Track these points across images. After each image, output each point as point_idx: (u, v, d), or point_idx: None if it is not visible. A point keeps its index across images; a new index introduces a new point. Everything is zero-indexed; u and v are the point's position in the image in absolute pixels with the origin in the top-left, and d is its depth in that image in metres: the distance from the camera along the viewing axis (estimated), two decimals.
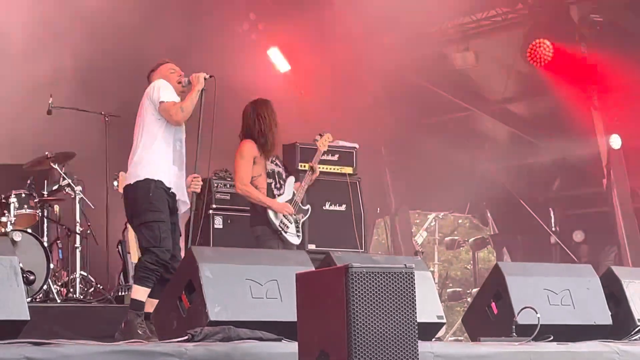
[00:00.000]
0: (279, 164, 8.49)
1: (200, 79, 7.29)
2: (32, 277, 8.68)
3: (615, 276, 7.81)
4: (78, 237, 9.65)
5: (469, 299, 13.21)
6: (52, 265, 9.09)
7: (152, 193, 7.04)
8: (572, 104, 12.26)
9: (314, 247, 9.51)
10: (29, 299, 7.42)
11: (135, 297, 7.00)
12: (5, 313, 5.65)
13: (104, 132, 10.05)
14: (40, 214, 9.58)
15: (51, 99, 9.95)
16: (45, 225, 9.68)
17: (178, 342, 5.81)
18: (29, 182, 9.64)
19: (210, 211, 9.77)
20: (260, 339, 5.99)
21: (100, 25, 11.20)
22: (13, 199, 9.30)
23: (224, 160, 8.94)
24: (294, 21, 12.82)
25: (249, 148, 8.19)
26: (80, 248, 9.63)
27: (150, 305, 6.91)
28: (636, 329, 7.55)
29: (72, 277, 9.47)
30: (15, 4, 10.85)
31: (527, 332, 6.88)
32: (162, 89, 7.17)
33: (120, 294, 9.48)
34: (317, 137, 8.83)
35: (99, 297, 9.42)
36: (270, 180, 8.31)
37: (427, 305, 6.96)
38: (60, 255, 9.87)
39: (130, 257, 9.65)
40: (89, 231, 9.83)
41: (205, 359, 5.46)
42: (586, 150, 12.47)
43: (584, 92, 12.16)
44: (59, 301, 9.00)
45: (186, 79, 7.36)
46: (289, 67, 13.59)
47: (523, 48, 12.18)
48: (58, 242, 9.85)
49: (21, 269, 6.04)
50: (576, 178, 13.26)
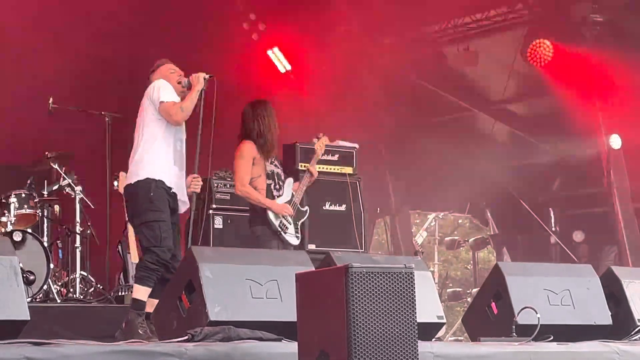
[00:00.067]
0: (278, 165, 8.49)
1: (200, 79, 7.29)
2: (32, 277, 8.68)
3: (615, 276, 7.81)
4: (78, 237, 9.65)
5: (469, 299, 13.20)
6: (52, 265, 9.10)
7: (152, 193, 7.05)
8: (572, 104, 12.23)
9: (314, 247, 9.51)
10: (29, 299, 7.42)
11: (136, 297, 7.00)
12: (5, 313, 5.65)
13: (104, 132, 10.05)
14: (40, 214, 9.58)
15: (51, 99, 9.94)
16: (45, 225, 9.69)
17: (178, 342, 5.81)
18: (29, 182, 9.64)
19: (210, 211, 9.76)
20: (260, 339, 5.99)
21: (101, 25, 11.19)
22: (13, 199, 9.31)
23: (224, 160, 8.93)
24: (294, 21, 12.81)
25: (249, 149, 8.18)
26: (80, 248, 9.63)
27: (151, 305, 6.91)
28: (636, 329, 7.54)
29: (72, 277, 9.47)
30: (16, 4, 10.84)
31: (527, 332, 6.88)
32: (162, 89, 7.17)
33: (120, 294, 9.48)
34: (315, 140, 8.81)
35: (99, 297, 9.42)
36: (269, 181, 8.30)
37: (427, 305, 6.96)
38: (60, 255, 9.87)
39: (130, 257, 9.65)
40: (89, 231, 9.83)
41: (205, 359, 5.46)
42: (586, 150, 12.45)
43: (584, 92, 12.14)
44: (59, 301, 9.00)
45: (186, 79, 7.36)
46: (289, 67, 13.58)
47: (523, 48, 12.17)
48: (58, 242, 9.86)
49: (21, 269, 6.04)
50: (576, 178, 13.24)
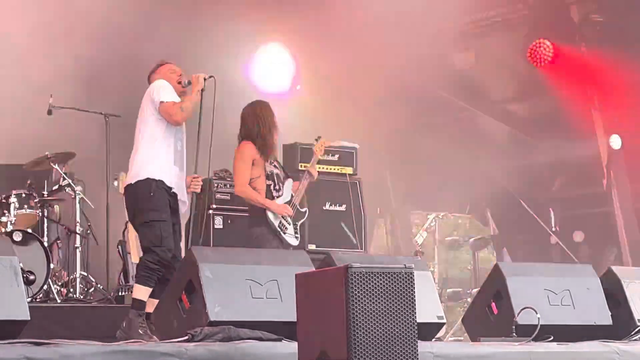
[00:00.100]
0: (278, 166, 8.48)
1: (200, 80, 7.30)
2: (32, 277, 8.68)
3: (615, 276, 7.80)
4: (78, 237, 9.66)
5: (469, 299, 13.17)
6: (52, 265, 9.10)
7: (153, 193, 7.05)
8: (572, 104, 12.23)
9: (314, 247, 9.52)
10: (29, 299, 7.41)
11: (136, 297, 7.01)
12: (5, 313, 5.65)
13: (104, 132, 10.05)
14: (40, 214, 9.58)
15: (51, 99, 9.93)
16: (46, 225, 9.68)
17: (178, 342, 5.81)
18: (29, 182, 9.64)
19: (210, 211, 9.76)
20: (260, 339, 5.99)
21: (101, 25, 11.18)
22: (13, 199, 9.31)
23: (224, 160, 8.93)
24: (294, 21, 12.80)
25: (248, 150, 8.17)
26: (80, 248, 9.63)
27: (151, 305, 6.91)
28: (636, 329, 7.54)
29: (72, 277, 9.47)
30: (16, 5, 10.84)
31: (527, 332, 6.88)
32: (162, 90, 7.17)
33: (120, 294, 9.48)
34: (314, 142, 8.80)
35: (99, 297, 9.42)
36: (269, 182, 8.29)
37: (427, 305, 6.96)
38: (61, 255, 9.87)
39: (130, 257, 9.66)
40: (89, 231, 9.84)
41: (205, 359, 5.46)
42: (586, 151, 12.44)
43: (584, 92, 12.14)
44: (59, 301, 9.00)
45: (186, 80, 7.37)
46: (289, 67, 13.57)
47: (523, 48, 12.17)
48: (58, 242, 9.85)
49: (21, 269, 6.04)
50: (576, 178, 13.23)
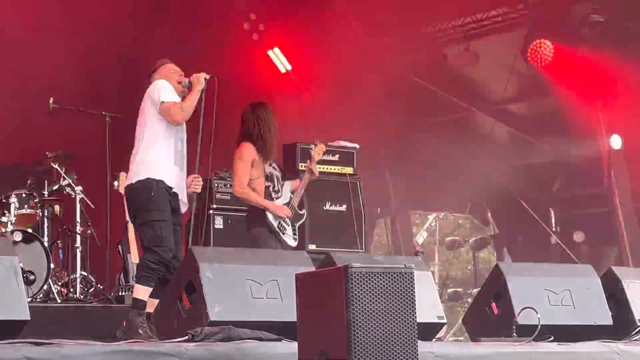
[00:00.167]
0: (277, 167, 8.47)
1: (200, 79, 7.29)
2: (32, 277, 8.68)
3: (615, 276, 7.80)
4: (78, 237, 9.65)
5: (469, 299, 13.18)
6: (52, 265, 9.09)
7: (153, 192, 7.04)
8: (572, 104, 12.23)
9: (314, 247, 9.51)
10: (29, 299, 7.41)
11: (137, 297, 7.00)
12: (5, 313, 5.65)
13: (104, 132, 10.04)
14: (40, 214, 9.58)
15: (52, 99, 9.93)
16: (46, 225, 9.68)
17: (178, 342, 5.81)
18: (29, 182, 9.64)
19: (211, 211, 9.76)
20: (260, 339, 5.99)
21: (101, 25, 11.19)
22: (13, 199, 9.30)
23: (225, 160, 8.93)
24: (294, 21, 12.82)
25: (248, 151, 8.16)
26: (80, 248, 9.63)
27: (151, 305, 6.91)
28: (636, 330, 7.54)
29: (72, 277, 9.47)
30: (16, 5, 10.85)
31: (527, 332, 6.87)
32: (163, 89, 7.17)
33: (120, 294, 9.47)
34: (312, 146, 8.78)
35: (99, 297, 9.42)
36: (268, 183, 8.28)
37: (427, 305, 6.95)
38: (61, 255, 9.86)
39: (130, 257, 9.65)
40: (89, 231, 9.83)
41: (205, 359, 5.46)
42: (587, 151, 12.45)
43: (585, 92, 12.14)
44: (59, 301, 9.00)
45: (187, 80, 7.36)
46: (289, 67, 13.58)
47: (523, 48, 12.17)
48: (58, 242, 9.85)
49: (21, 269, 6.04)
50: (577, 178, 13.24)
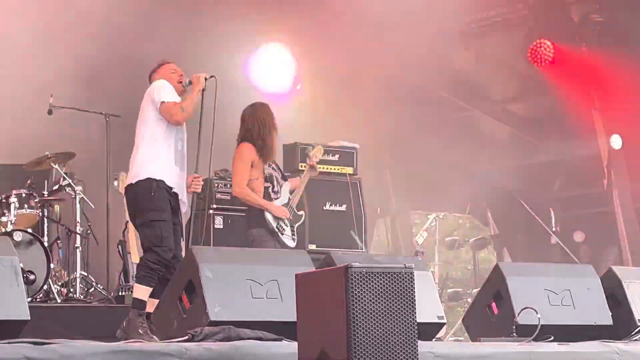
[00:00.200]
0: (276, 168, 8.47)
1: (201, 79, 7.29)
2: (32, 277, 8.68)
3: (615, 276, 7.81)
4: (78, 237, 9.65)
5: (470, 299, 13.17)
6: (52, 265, 9.09)
7: (153, 192, 7.04)
8: (572, 104, 12.24)
9: (314, 247, 9.51)
10: (29, 299, 7.41)
11: (137, 296, 7.00)
12: (5, 313, 5.65)
13: (105, 132, 10.04)
14: (40, 213, 9.57)
15: (52, 99, 9.93)
16: (46, 225, 9.67)
17: (178, 342, 5.81)
18: (29, 182, 9.63)
19: (211, 211, 9.75)
20: (260, 339, 5.99)
21: (101, 25, 11.18)
22: (13, 199, 9.30)
23: (225, 160, 8.93)
24: (294, 21, 12.81)
25: (248, 151, 8.16)
26: (80, 248, 9.62)
27: (151, 305, 6.91)
28: (636, 330, 7.54)
29: (72, 277, 9.46)
30: (17, 5, 10.85)
31: (527, 332, 6.88)
32: (163, 90, 7.17)
33: (120, 294, 9.47)
34: (309, 149, 8.76)
35: (99, 297, 9.42)
36: (267, 184, 8.27)
37: (427, 305, 6.96)
38: (61, 255, 9.86)
39: (130, 257, 9.65)
40: (89, 231, 9.83)
41: (206, 359, 5.46)
42: (587, 151, 12.45)
43: (585, 92, 12.14)
44: (59, 301, 9.00)
45: (187, 79, 7.36)
46: (289, 67, 13.57)
47: (523, 48, 12.17)
48: (58, 242, 9.84)
49: (21, 268, 6.04)
50: (577, 178, 13.24)
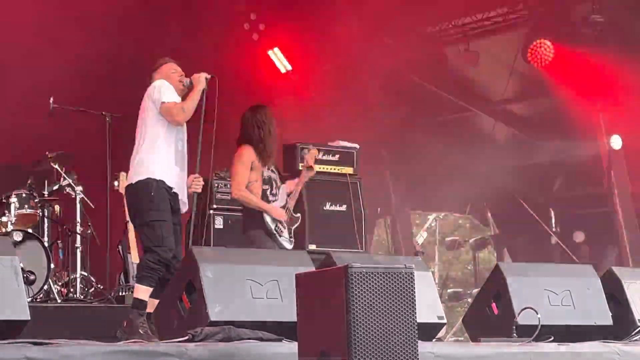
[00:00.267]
0: (275, 171, 8.46)
1: (201, 80, 7.28)
2: (32, 277, 8.68)
3: (615, 277, 7.80)
4: (78, 237, 9.65)
5: (470, 300, 13.19)
6: (52, 265, 9.09)
7: (154, 192, 7.04)
8: (572, 104, 12.24)
9: (314, 247, 9.51)
10: (29, 299, 7.41)
11: (137, 297, 7.00)
12: (5, 313, 5.64)
13: (105, 132, 10.04)
14: (40, 214, 9.58)
15: (51, 99, 9.93)
16: (46, 225, 9.68)
17: (178, 342, 5.81)
18: (29, 182, 9.63)
19: (211, 211, 9.75)
20: (261, 339, 5.99)
21: (101, 25, 11.19)
22: (13, 199, 9.30)
23: (225, 160, 8.93)
24: (294, 21, 12.82)
25: (248, 154, 8.15)
26: (80, 248, 9.62)
27: (151, 305, 6.91)
28: (636, 330, 7.54)
29: (72, 277, 9.47)
30: (17, 5, 10.85)
31: (527, 332, 6.87)
32: (163, 90, 7.16)
33: (120, 294, 9.47)
34: (305, 151, 8.74)
35: (99, 297, 9.42)
36: (266, 187, 8.25)
37: (428, 305, 6.95)
38: (61, 255, 9.87)
39: (130, 257, 9.65)
40: (89, 231, 9.83)
41: (206, 359, 5.46)
42: (587, 151, 12.46)
43: (585, 93, 12.14)
44: (59, 301, 9.00)
45: (187, 80, 7.35)
46: (289, 68, 13.58)
47: (524, 48, 12.18)
48: (58, 242, 9.85)
49: (22, 268, 6.04)
50: (577, 178, 13.26)
